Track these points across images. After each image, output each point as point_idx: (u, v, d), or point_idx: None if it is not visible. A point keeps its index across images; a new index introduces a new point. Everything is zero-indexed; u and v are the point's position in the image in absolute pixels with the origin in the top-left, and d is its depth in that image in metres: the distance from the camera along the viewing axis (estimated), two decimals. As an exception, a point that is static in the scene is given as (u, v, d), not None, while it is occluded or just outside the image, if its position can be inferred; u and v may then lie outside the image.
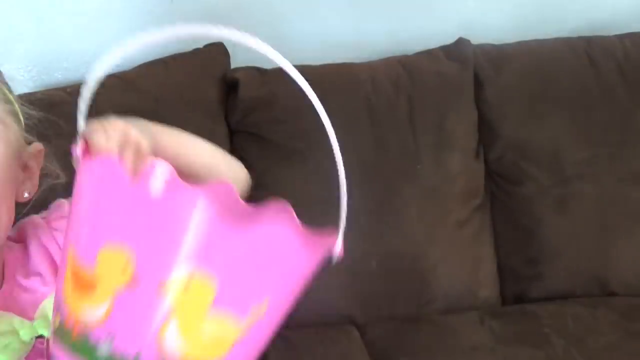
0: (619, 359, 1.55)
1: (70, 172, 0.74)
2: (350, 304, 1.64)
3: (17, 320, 0.80)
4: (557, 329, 1.59)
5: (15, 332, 0.79)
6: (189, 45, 1.66)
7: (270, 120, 1.62)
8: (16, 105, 0.82)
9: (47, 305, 0.80)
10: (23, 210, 0.85)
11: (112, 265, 0.66)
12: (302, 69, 1.90)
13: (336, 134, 1.77)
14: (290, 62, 1.88)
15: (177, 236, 0.66)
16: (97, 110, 0.81)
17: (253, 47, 0.69)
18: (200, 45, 1.66)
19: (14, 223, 0.82)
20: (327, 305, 1.63)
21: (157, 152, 0.71)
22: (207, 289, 0.68)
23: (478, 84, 1.72)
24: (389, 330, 1.61)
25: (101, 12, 1.61)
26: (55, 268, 0.83)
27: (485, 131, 1.73)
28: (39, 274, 0.84)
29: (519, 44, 1.78)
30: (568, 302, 1.68)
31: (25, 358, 0.80)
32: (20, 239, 0.86)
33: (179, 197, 0.66)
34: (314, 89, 1.90)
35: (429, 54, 1.74)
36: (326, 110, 1.85)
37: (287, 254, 0.74)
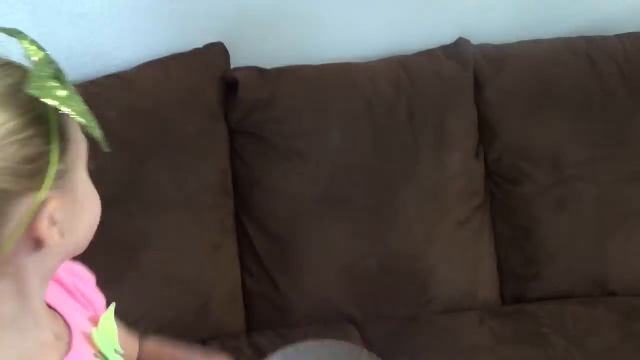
0: (619, 359, 1.55)
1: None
2: (350, 304, 1.64)
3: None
4: (557, 329, 1.59)
5: None
6: (189, 46, 1.66)
7: (270, 120, 1.62)
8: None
9: None
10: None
11: None
12: (302, 69, 1.92)
13: (336, 134, 1.78)
14: (290, 61, 1.89)
15: None
16: (97, 110, 0.81)
17: None
18: (200, 45, 1.66)
19: None
20: (327, 305, 1.63)
21: None
22: None
23: (478, 84, 1.72)
24: (389, 330, 1.61)
25: (101, 12, 1.61)
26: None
27: (485, 131, 1.73)
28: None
29: (519, 44, 1.78)
30: (567, 302, 1.68)
31: None
32: None
33: None
34: (314, 89, 1.91)
35: (429, 54, 1.74)
36: (326, 110, 1.86)
37: None
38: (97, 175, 0.78)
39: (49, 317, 0.79)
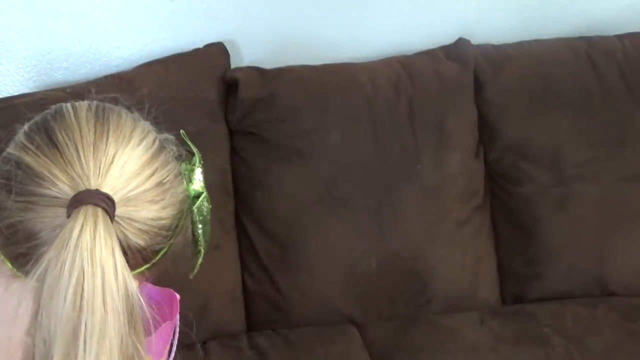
0: (619, 359, 1.55)
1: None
2: (350, 304, 1.64)
3: None
4: (557, 329, 1.59)
5: None
6: (189, 46, 1.66)
7: (270, 120, 1.62)
8: None
9: None
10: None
11: None
12: (302, 69, 1.91)
13: (336, 134, 1.78)
14: (290, 61, 1.89)
15: None
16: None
17: None
18: (200, 45, 1.66)
19: None
20: (327, 305, 1.63)
21: None
22: None
23: (478, 84, 1.72)
24: (389, 330, 1.61)
25: (101, 12, 1.61)
26: None
27: (485, 131, 1.73)
28: None
29: (519, 44, 1.78)
30: (568, 302, 1.68)
31: None
32: None
33: None
34: (314, 89, 1.91)
35: (429, 54, 1.74)
36: (326, 110, 1.86)
37: None
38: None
39: None
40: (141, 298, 0.71)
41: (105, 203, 0.70)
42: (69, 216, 0.70)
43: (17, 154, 0.74)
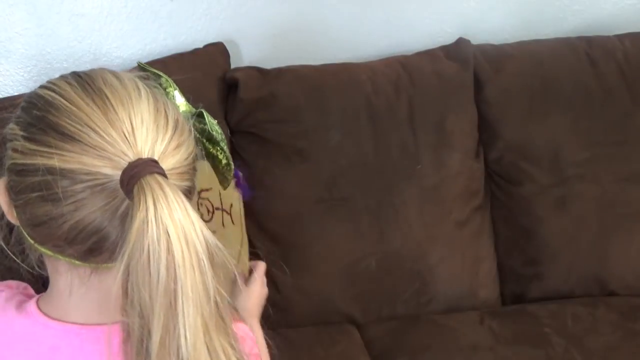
0: (619, 359, 1.55)
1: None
2: (350, 304, 1.64)
3: None
4: (557, 329, 1.59)
5: None
6: (189, 46, 1.66)
7: (270, 120, 1.62)
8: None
9: None
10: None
11: None
12: (302, 69, 1.91)
13: (336, 133, 1.77)
14: (291, 61, 1.88)
15: None
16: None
17: None
18: (200, 45, 1.66)
19: None
20: (327, 305, 1.63)
21: None
22: None
23: (478, 84, 1.72)
24: (389, 330, 1.61)
25: (101, 12, 1.61)
26: None
27: (485, 131, 1.73)
28: None
29: (519, 44, 1.78)
30: (568, 302, 1.68)
31: None
32: None
33: None
34: (314, 89, 1.91)
35: (429, 54, 1.74)
36: (326, 110, 1.85)
37: None
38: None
39: None
40: (215, 239, 0.69)
41: (155, 167, 0.69)
42: (129, 196, 0.68)
43: (38, 162, 0.70)
